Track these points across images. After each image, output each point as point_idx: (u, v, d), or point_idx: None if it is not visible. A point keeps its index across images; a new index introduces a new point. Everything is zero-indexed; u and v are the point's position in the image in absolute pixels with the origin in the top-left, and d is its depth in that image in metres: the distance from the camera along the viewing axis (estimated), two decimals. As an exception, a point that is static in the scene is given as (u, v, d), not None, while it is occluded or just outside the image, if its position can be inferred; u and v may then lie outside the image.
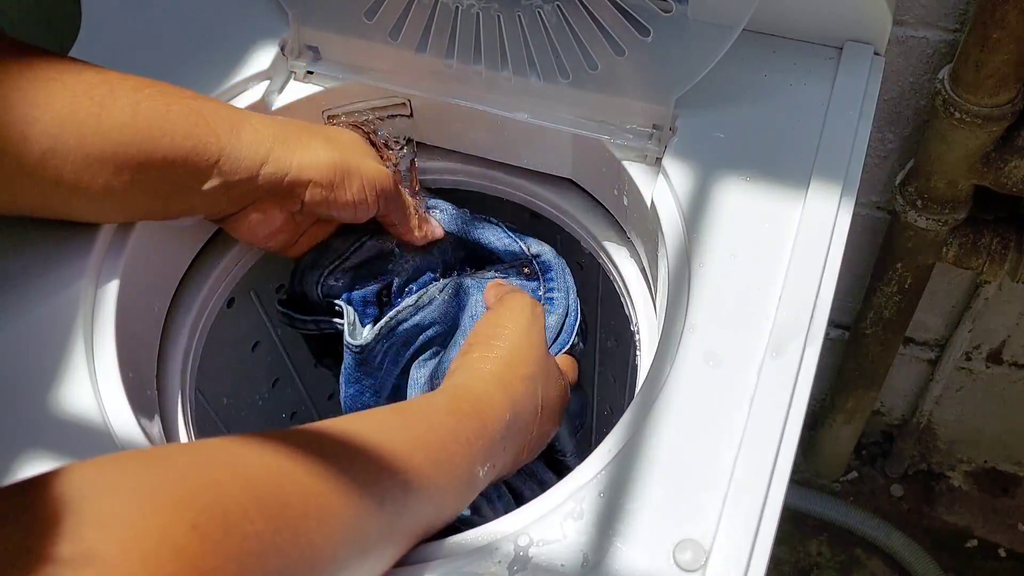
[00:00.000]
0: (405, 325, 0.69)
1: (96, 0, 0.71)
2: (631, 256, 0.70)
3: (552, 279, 0.73)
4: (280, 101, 0.71)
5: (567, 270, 0.74)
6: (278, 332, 0.84)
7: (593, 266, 0.74)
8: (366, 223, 0.68)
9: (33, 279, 0.59)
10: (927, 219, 0.92)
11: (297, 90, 0.71)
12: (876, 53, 0.67)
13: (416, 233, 0.71)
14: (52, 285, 0.59)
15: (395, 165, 0.71)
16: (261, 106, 0.69)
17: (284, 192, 0.62)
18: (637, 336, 0.67)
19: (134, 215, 0.61)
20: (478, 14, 0.65)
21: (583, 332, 0.73)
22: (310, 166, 0.62)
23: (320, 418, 0.64)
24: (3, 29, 0.58)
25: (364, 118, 0.72)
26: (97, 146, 0.55)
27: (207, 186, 0.59)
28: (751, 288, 0.57)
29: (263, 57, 0.70)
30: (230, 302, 0.73)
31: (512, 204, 0.75)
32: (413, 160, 0.74)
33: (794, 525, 1.34)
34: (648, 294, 0.69)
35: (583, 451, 0.56)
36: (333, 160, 0.63)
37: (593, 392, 0.94)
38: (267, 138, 0.61)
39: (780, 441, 0.52)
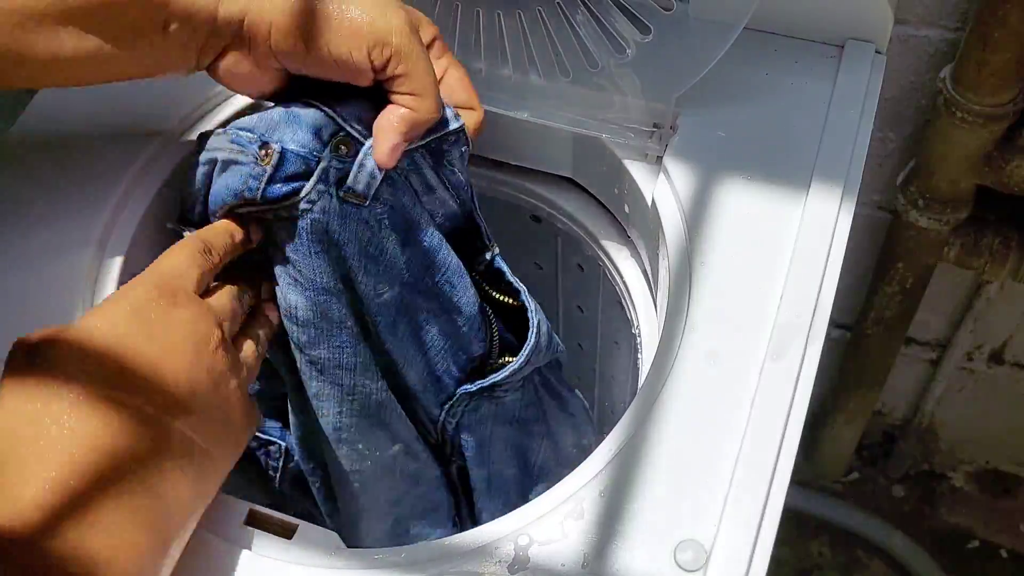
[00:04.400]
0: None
1: None
2: (631, 256, 0.70)
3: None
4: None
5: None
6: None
7: (593, 268, 0.74)
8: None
9: (30, 273, 0.59)
10: (928, 219, 0.92)
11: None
12: (877, 52, 0.67)
13: (438, 111, 0.55)
14: (49, 279, 0.58)
15: None
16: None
17: (247, 38, 0.52)
18: (639, 339, 0.67)
19: (102, 72, 0.53)
20: (478, 12, 0.65)
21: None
22: (273, 6, 0.51)
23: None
24: None
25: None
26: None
27: (171, 29, 0.51)
28: (752, 287, 0.57)
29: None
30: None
31: (511, 208, 0.75)
32: None
33: (795, 526, 1.34)
34: (649, 294, 0.69)
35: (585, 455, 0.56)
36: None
37: (595, 393, 0.94)
38: None
39: (781, 441, 0.51)
